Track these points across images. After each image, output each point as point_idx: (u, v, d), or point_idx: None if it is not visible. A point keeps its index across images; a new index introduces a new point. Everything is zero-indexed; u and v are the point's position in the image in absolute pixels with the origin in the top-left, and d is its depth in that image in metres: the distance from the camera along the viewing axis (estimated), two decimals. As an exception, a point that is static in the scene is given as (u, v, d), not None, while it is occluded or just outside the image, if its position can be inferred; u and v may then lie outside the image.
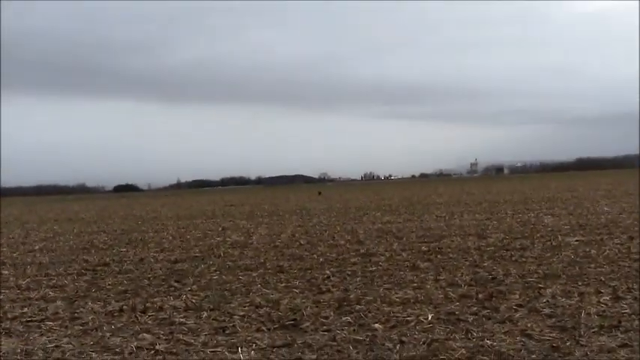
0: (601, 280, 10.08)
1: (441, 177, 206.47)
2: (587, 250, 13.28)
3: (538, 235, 16.39)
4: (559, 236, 15.77)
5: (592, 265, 11.44)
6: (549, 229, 17.85)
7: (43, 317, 8.91)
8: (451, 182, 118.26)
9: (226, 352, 6.87)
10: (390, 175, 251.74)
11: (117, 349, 7.13)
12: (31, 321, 8.74)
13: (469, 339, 7.07)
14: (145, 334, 7.72)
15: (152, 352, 7.00)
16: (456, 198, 40.51)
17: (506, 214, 24.16)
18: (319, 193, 34.11)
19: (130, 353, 6.99)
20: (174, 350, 7.03)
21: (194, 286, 10.91)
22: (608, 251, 12.89)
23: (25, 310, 9.44)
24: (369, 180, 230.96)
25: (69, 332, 8.02)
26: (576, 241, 14.90)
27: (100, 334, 7.89)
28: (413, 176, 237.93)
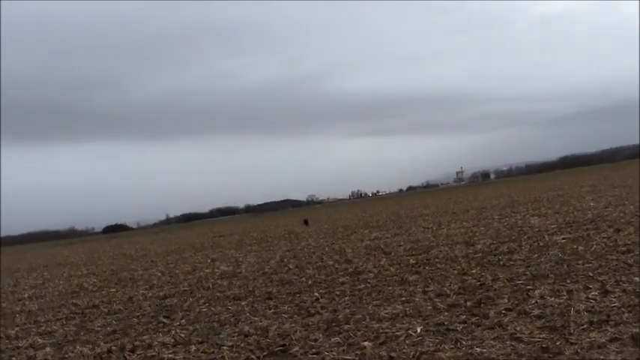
0: (589, 275, 10.07)
1: (428, 188, 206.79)
2: (575, 247, 13.28)
3: (525, 237, 16.40)
4: (546, 236, 15.79)
5: (580, 262, 11.43)
6: (536, 229, 17.87)
7: (31, 366, 8.77)
8: (438, 193, 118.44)
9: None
10: (378, 192, 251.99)
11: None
12: (18, 371, 8.60)
13: (458, 348, 7.01)
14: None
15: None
16: (443, 208, 40.54)
17: (493, 219, 24.17)
18: (306, 223, 32.94)
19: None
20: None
21: (183, 321, 10.79)
22: (595, 246, 12.90)
23: (13, 359, 9.28)
24: (357, 198, 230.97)
25: (56, 380, 7.90)
26: (563, 239, 14.91)
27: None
28: (400, 190, 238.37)
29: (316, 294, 11.86)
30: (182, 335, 9.51)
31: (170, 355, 8.32)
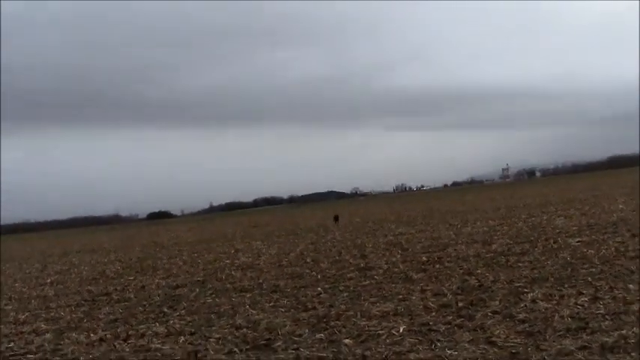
0: (588, 280, 9.97)
1: (473, 184, 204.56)
2: (586, 250, 13.13)
3: (543, 238, 16.20)
4: (561, 238, 15.60)
5: (585, 266, 11.31)
6: (557, 231, 17.64)
7: (26, 351, 9.06)
8: (482, 189, 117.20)
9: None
10: (422, 186, 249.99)
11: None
12: (13, 355, 8.90)
13: (432, 349, 7.04)
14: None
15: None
16: (477, 205, 40.18)
17: (520, 218, 23.91)
18: (335, 219, 32.58)
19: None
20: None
21: (183, 311, 11.01)
22: (605, 251, 12.72)
23: (12, 344, 9.60)
24: (402, 192, 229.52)
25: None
26: (578, 241, 14.71)
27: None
28: (445, 185, 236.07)
29: (319, 289, 11.96)
30: (177, 326, 9.71)
31: (158, 345, 8.52)
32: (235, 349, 7.96)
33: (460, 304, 9.18)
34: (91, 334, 9.66)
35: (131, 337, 9.22)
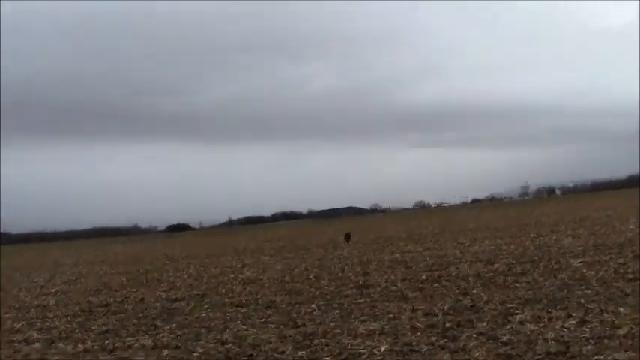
0: (581, 302, 9.85)
1: (493, 201, 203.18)
2: (585, 271, 12.99)
3: (545, 258, 16.04)
4: (565, 258, 15.45)
5: (582, 288, 11.19)
6: (562, 251, 17.47)
7: (12, 360, 9.13)
8: (501, 206, 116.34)
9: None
10: (442, 203, 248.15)
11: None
12: (-2, 365, 8.97)
13: (409, 370, 6.98)
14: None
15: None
16: (490, 223, 39.91)
17: (529, 237, 23.70)
18: (347, 238, 31.85)
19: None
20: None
21: (174, 325, 11.03)
22: (603, 272, 12.56)
23: (-1, 353, 9.68)
24: (421, 209, 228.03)
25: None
26: (580, 262, 14.56)
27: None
28: (464, 203, 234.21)
29: (313, 305, 11.93)
30: (165, 339, 9.76)
31: (140, 358, 8.54)
32: (215, 365, 7.96)
33: (447, 325, 9.11)
34: (79, 345, 9.72)
35: (117, 349, 9.28)
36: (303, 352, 8.20)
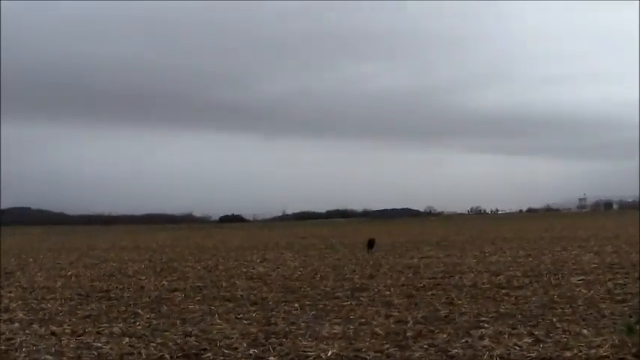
0: (552, 321, 9.71)
1: (549, 212, 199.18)
2: (578, 290, 12.76)
3: (551, 273, 15.78)
4: (568, 275, 15.20)
5: (565, 307, 11.00)
6: (573, 267, 17.17)
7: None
8: (554, 217, 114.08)
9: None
10: (497, 210, 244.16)
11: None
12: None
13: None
14: (47, 356, 8.16)
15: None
16: (526, 234, 39.25)
17: (552, 250, 23.31)
18: (370, 246, 26.82)
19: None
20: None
21: (153, 315, 11.29)
22: (594, 293, 12.31)
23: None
24: (476, 214, 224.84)
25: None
26: (581, 280, 14.30)
27: (17, 354, 8.37)
28: (520, 211, 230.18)
29: (296, 305, 12.04)
30: (136, 328, 10.02)
31: (99, 344, 8.83)
32: (166, 356, 8.16)
33: (409, 334, 9.11)
34: (52, 327, 10.05)
35: (85, 334, 9.56)
36: (255, 351, 8.33)
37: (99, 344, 8.84)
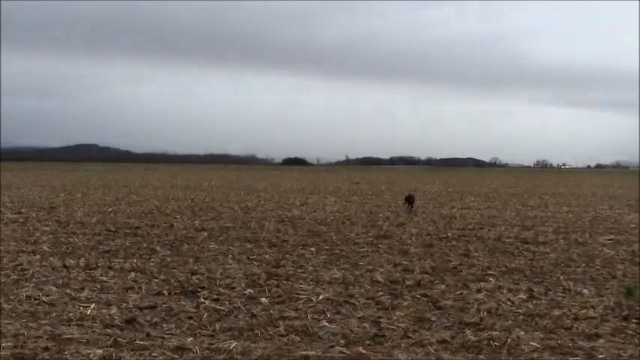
0: (559, 280, 9.54)
1: (618, 168, 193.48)
2: (601, 249, 12.48)
3: (580, 231, 15.48)
4: (597, 234, 14.89)
5: (581, 266, 10.79)
6: (610, 226, 16.78)
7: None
8: (619, 174, 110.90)
9: (91, 308, 7.38)
10: (564, 164, 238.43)
11: (11, 297, 7.96)
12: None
13: (330, 321, 7.15)
14: (52, 287, 8.52)
15: (37, 301, 7.74)
16: (581, 190, 38.39)
17: (595, 208, 22.82)
18: (409, 202, 21.94)
19: (19, 301, 7.76)
20: (56, 302, 7.72)
21: (169, 252, 11.62)
22: (616, 254, 12.02)
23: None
24: (542, 168, 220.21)
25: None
26: (609, 239, 13.98)
27: (26, 284, 8.77)
28: (588, 166, 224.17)
29: (313, 249, 12.18)
30: (147, 264, 10.34)
31: (106, 278, 9.20)
32: (164, 292, 8.42)
33: (407, 283, 9.13)
34: (69, 261, 10.45)
35: (96, 268, 9.94)
36: (250, 291, 8.50)
37: (104, 278, 9.16)
